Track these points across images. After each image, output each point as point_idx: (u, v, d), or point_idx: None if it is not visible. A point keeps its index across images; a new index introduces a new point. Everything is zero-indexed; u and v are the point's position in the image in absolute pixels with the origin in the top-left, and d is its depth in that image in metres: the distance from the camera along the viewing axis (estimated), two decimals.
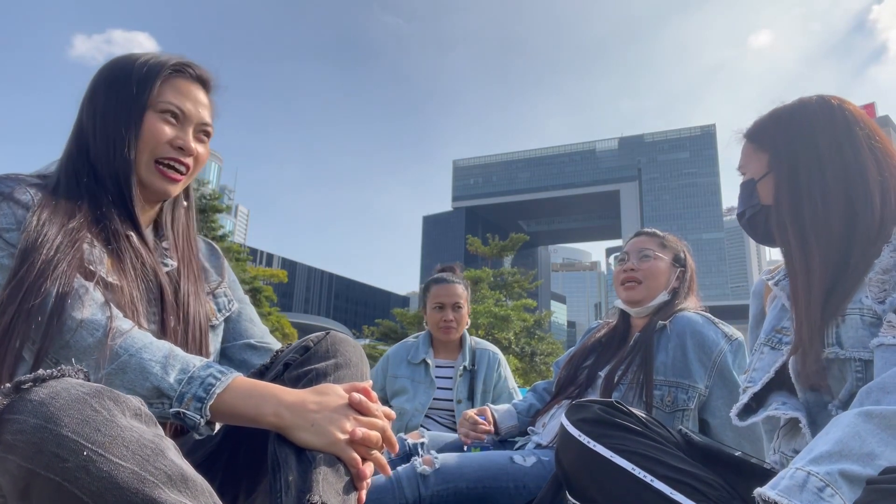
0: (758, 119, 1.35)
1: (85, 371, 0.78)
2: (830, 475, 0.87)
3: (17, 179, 1.11)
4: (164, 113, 1.19)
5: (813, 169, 1.21)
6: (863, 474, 0.86)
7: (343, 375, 1.09)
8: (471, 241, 27.42)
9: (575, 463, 1.17)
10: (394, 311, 26.84)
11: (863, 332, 1.10)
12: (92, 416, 0.69)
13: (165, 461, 0.71)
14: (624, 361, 1.94)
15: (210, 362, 0.97)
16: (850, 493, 0.86)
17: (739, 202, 1.37)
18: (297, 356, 1.12)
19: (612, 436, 1.14)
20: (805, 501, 0.85)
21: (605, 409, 1.19)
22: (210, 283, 1.35)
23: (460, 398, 2.77)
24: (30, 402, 0.68)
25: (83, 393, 0.71)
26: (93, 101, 1.19)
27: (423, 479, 1.67)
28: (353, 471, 0.96)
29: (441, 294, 2.86)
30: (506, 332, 21.47)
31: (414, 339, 3.01)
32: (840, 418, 0.95)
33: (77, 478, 0.65)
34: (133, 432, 0.71)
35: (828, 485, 0.86)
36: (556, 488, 1.50)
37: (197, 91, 1.25)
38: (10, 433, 0.67)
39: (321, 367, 1.08)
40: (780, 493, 0.86)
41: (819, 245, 1.19)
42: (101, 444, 0.67)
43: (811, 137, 1.23)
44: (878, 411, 0.92)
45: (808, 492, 0.86)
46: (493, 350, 2.95)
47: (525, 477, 1.74)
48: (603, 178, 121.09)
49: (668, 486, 1.05)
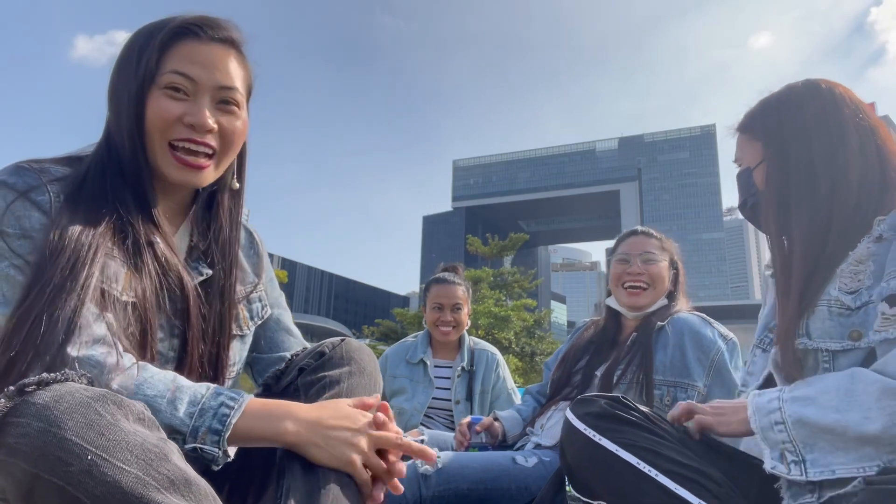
0: (748, 110, 1.36)
1: (88, 376, 0.78)
2: (792, 416, 1.03)
3: (39, 171, 0.96)
4: (167, 88, 0.99)
5: (801, 146, 1.22)
6: (819, 422, 1.00)
7: (357, 383, 1.06)
8: (471, 241, 27.41)
9: (579, 456, 1.17)
10: (394, 311, 26.84)
11: (829, 322, 1.11)
12: (96, 420, 0.69)
13: (169, 465, 0.71)
14: (622, 361, 1.94)
15: (219, 389, 0.91)
16: (798, 433, 1.02)
17: (739, 192, 1.39)
18: (312, 361, 1.09)
19: (618, 430, 1.14)
20: (760, 423, 1.06)
21: (611, 404, 1.19)
22: (246, 285, 1.20)
23: (458, 399, 2.77)
24: (34, 405, 0.68)
25: (87, 397, 0.71)
26: (110, 84, 1.04)
27: (425, 479, 1.67)
28: (364, 491, 0.95)
29: (440, 295, 2.85)
30: (506, 332, 21.47)
31: (413, 338, 3.01)
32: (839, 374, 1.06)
33: (81, 482, 0.65)
34: (137, 436, 0.70)
35: (783, 422, 1.03)
36: (556, 488, 1.50)
37: (212, 51, 1.02)
38: (14, 436, 0.67)
39: (335, 374, 1.06)
40: (755, 407, 1.08)
41: (800, 229, 1.19)
42: (105, 449, 0.67)
43: (798, 115, 1.24)
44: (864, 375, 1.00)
45: (768, 419, 1.05)
46: (491, 351, 2.95)
47: (527, 478, 1.74)
48: (603, 178, 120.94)
49: (672, 480, 1.06)
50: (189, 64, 0.99)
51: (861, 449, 0.96)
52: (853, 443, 0.97)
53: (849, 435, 0.96)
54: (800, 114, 1.24)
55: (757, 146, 1.31)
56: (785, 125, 1.26)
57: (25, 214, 0.92)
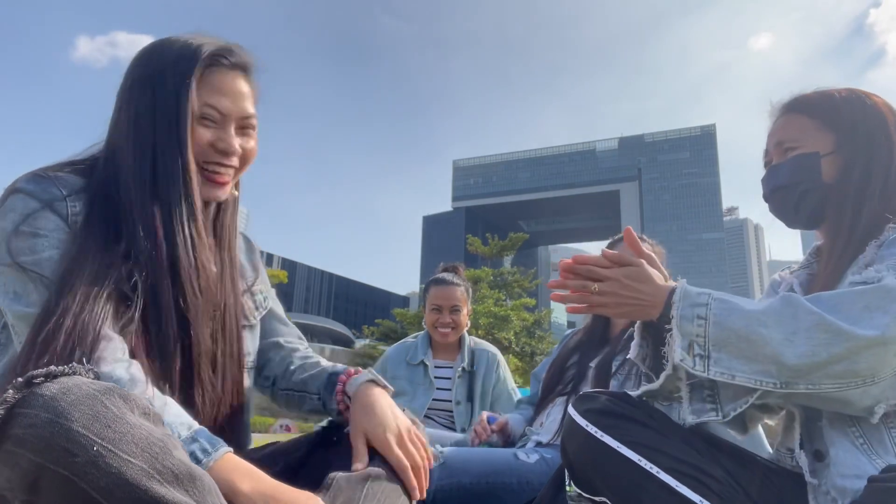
0: (807, 95, 1.37)
1: (95, 370, 0.79)
2: (716, 315, 1.05)
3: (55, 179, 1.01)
4: (202, 119, 1.08)
5: (884, 153, 1.27)
6: (740, 330, 1.03)
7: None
8: (471, 241, 27.39)
9: (581, 452, 1.17)
10: (394, 311, 26.86)
11: None
12: (102, 413, 0.69)
13: (173, 459, 0.71)
14: (618, 353, 1.95)
15: (197, 432, 0.88)
16: (714, 331, 1.04)
17: (790, 175, 1.34)
18: None
19: (620, 427, 1.14)
20: (682, 310, 1.08)
21: (613, 401, 1.19)
22: (247, 279, 1.29)
23: (459, 399, 2.76)
24: (41, 396, 0.69)
25: (94, 390, 0.72)
26: (129, 100, 1.08)
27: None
28: None
29: (439, 296, 2.84)
30: (506, 332, 21.48)
31: (413, 339, 3.00)
32: (773, 299, 1.09)
33: (86, 473, 0.66)
34: (142, 430, 0.71)
35: (705, 318, 1.06)
36: (556, 488, 1.51)
37: (236, 81, 1.11)
38: (21, 427, 0.68)
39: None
40: (683, 292, 1.09)
41: (857, 228, 1.23)
42: (111, 441, 0.68)
43: (881, 123, 1.29)
44: (800, 303, 1.04)
45: (692, 311, 1.07)
46: (492, 351, 2.94)
47: (529, 473, 1.76)
48: (603, 178, 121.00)
49: (674, 477, 1.05)
50: (219, 96, 1.09)
51: (766, 364, 1.01)
52: (763, 357, 1.02)
53: (765, 350, 1.01)
54: (881, 123, 1.29)
55: (827, 136, 1.31)
56: (871, 126, 1.29)
57: (44, 223, 0.97)
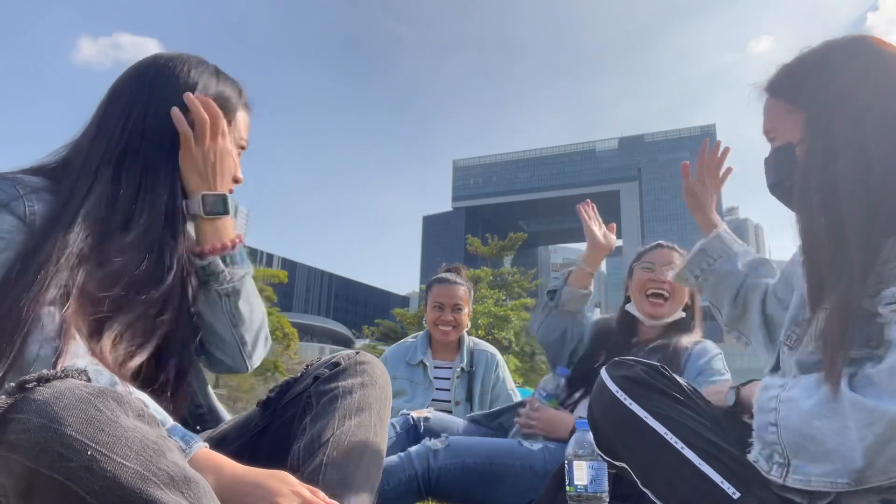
0: (783, 68, 1.18)
1: (87, 373, 0.79)
2: (784, 419, 0.95)
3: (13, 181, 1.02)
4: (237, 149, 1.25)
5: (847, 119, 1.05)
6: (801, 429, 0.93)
7: (369, 394, 1.12)
8: (471, 241, 27.38)
9: (607, 417, 1.16)
10: (394, 311, 26.84)
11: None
12: (96, 416, 0.69)
13: (168, 462, 0.71)
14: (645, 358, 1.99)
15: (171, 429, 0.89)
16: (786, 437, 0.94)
17: (775, 171, 1.20)
18: (327, 371, 1.15)
19: (650, 398, 1.11)
20: (758, 420, 0.99)
21: (648, 371, 1.16)
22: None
23: (458, 400, 2.77)
24: (34, 401, 0.69)
25: (87, 393, 0.71)
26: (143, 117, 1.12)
27: (434, 453, 1.80)
28: None
29: (441, 294, 2.86)
30: (505, 332, 21.47)
31: (412, 339, 3.01)
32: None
33: (80, 477, 0.66)
34: (136, 432, 0.71)
35: (776, 424, 0.96)
36: (556, 487, 1.50)
37: (248, 117, 1.29)
38: (14, 432, 0.67)
39: (348, 384, 1.12)
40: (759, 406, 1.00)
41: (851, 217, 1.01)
42: (105, 444, 0.68)
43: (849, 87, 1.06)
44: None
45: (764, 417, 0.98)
46: (491, 351, 2.95)
47: (532, 458, 1.84)
48: (603, 178, 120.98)
49: (697, 455, 1.03)
50: (246, 133, 1.28)
51: (833, 462, 0.88)
52: (826, 454, 0.88)
53: (826, 445, 0.88)
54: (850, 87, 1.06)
55: (798, 119, 1.14)
56: (830, 97, 1.08)
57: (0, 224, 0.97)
